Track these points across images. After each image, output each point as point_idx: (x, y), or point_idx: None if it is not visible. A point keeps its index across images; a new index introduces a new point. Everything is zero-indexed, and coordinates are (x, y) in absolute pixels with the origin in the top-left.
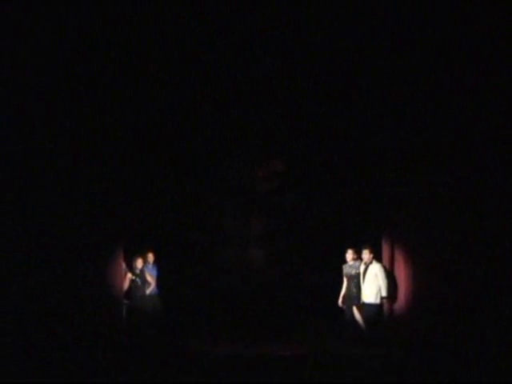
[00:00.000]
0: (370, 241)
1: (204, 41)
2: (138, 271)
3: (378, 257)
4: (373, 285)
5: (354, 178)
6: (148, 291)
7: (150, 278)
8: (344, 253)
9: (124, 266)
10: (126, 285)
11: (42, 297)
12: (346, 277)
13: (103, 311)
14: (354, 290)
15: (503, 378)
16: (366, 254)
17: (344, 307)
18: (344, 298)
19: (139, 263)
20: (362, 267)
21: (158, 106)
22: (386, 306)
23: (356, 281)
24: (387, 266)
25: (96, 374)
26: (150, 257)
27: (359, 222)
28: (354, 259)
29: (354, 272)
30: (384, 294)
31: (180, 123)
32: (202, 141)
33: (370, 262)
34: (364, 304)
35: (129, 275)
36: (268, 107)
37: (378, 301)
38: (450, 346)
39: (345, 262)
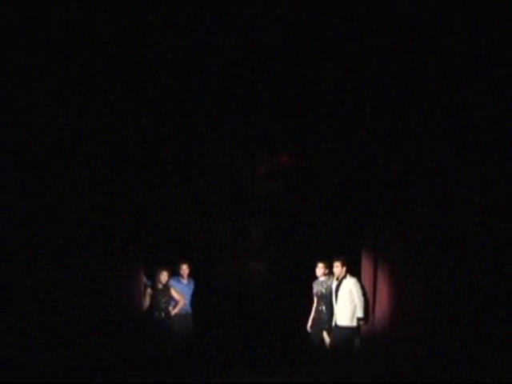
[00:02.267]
0: (344, 252)
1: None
2: (161, 286)
3: (353, 270)
4: (347, 304)
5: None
6: (174, 311)
7: (177, 294)
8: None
9: (144, 279)
10: (146, 303)
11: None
12: (316, 296)
13: (117, 334)
14: (325, 311)
15: None
16: (337, 268)
17: (311, 332)
18: (314, 321)
19: (164, 276)
20: (335, 283)
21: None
22: (363, 329)
23: (327, 300)
24: (369, 282)
25: None
26: (184, 269)
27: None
28: (326, 274)
29: (324, 290)
30: (360, 314)
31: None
32: (192, 132)
33: (344, 277)
34: (337, 327)
35: (149, 291)
36: (271, 91)
37: (353, 323)
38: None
39: (315, 278)
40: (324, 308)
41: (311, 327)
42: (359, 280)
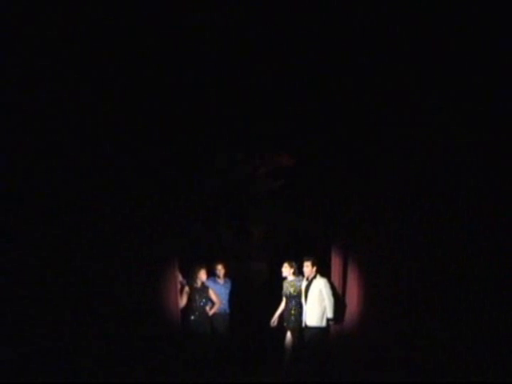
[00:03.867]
0: (314, 251)
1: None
2: (199, 285)
3: (323, 271)
4: (317, 304)
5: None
6: (211, 312)
7: (215, 296)
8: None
9: (180, 277)
10: (183, 302)
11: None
12: (285, 296)
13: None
14: (293, 312)
15: None
16: (307, 268)
17: (274, 327)
18: (280, 318)
19: (202, 275)
20: (304, 283)
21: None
22: (332, 330)
23: (296, 300)
24: (338, 282)
25: None
26: (220, 269)
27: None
28: (295, 274)
29: (292, 290)
30: (330, 315)
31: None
32: (190, 131)
33: (314, 277)
34: (307, 327)
35: (186, 289)
36: (271, 91)
37: (323, 324)
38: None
39: (284, 278)
40: (292, 308)
41: (277, 323)
42: (329, 280)
